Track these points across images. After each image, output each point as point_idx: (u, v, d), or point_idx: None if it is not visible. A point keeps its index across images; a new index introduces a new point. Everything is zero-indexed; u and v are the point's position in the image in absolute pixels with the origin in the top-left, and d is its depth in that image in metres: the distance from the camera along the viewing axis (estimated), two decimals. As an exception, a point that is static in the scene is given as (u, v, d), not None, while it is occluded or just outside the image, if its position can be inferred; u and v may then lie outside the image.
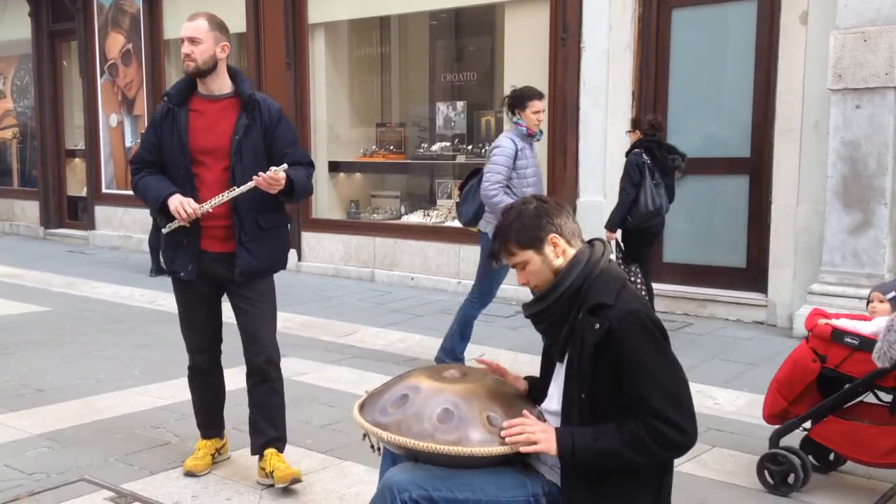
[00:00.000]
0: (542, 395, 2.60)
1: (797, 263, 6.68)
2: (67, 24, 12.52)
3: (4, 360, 5.96)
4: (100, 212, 12.38)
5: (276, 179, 3.56)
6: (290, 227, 4.09)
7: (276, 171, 3.56)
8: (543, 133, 5.78)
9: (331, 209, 9.91)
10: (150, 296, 8.15)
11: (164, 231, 3.74)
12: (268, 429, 3.85)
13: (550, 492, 2.44)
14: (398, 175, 10.20)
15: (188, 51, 3.63)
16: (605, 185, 7.58)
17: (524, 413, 2.43)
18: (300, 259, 9.76)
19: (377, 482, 2.56)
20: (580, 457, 2.31)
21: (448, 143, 9.42)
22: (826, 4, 6.39)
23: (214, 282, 3.83)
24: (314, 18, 9.67)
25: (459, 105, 9.46)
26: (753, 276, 7.03)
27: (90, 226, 12.48)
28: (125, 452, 4.23)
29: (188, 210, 3.59)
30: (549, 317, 2.48)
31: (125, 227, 11.90)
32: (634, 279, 6.11)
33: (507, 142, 5.41)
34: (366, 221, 9.70)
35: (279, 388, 3.89)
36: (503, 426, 2.36)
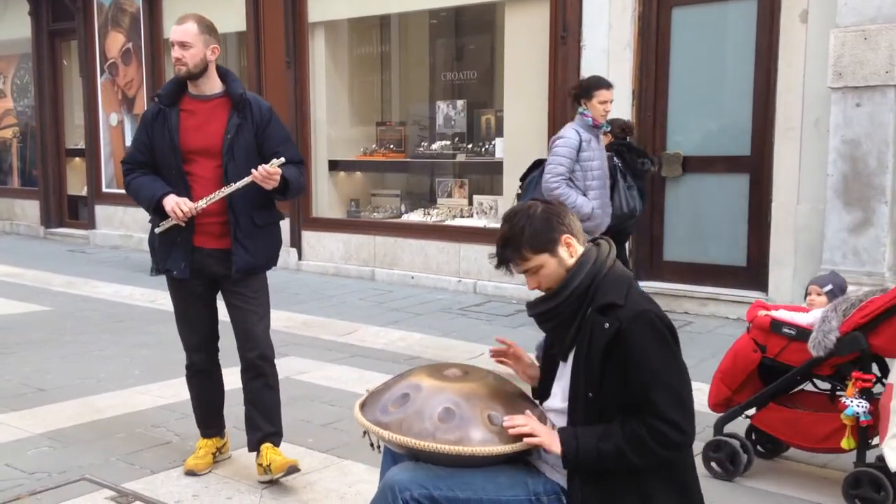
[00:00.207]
0: (545, 395, 2.60)
1: (797, 262, 6.68)
2: (67, 24, 12.51)
3: (5, 360, 5.96)
4: (100, 211, 12.38)
5: (273, 174, 3.59)
6: (290, 226, 4.10)
7: (273, 165, 3.59)
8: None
9: (331, 208, 9.90)
10: (151, 295, 8.14)
11: (157, 231, 3.75)
12: (264, 424, 3.86)
13: (552, 491, 2.44)
14: (398, 174, 10.20)
15: (179, 55, 3.65)
16: (606, 184, 7.58)
17: (527, 413, 2.42)
18: (300, 258, 9.74)
19: (378, 481, 2.56)
20: (583, 458, 2.31)
21: (448, 142, 9.42)
22: (826, 3, 6.38)
23: (209, 279, 3.84)
24: (314, 17, 9.66)
25: (459, 104, 9.45)
26: (754, 275, 7.02)
27: (90, 225, 12.48)
28: (126, 452, 4.23)
29: (184, 209, 3.62)
30: (558, 315, 2.47)
31: (125, 227, 11.89)
32: None
33: (571, 132, 5.30)
34: (366, 220, 9.69)
35: (274, 384, 3.90)
36: (505, 419, 2.36)
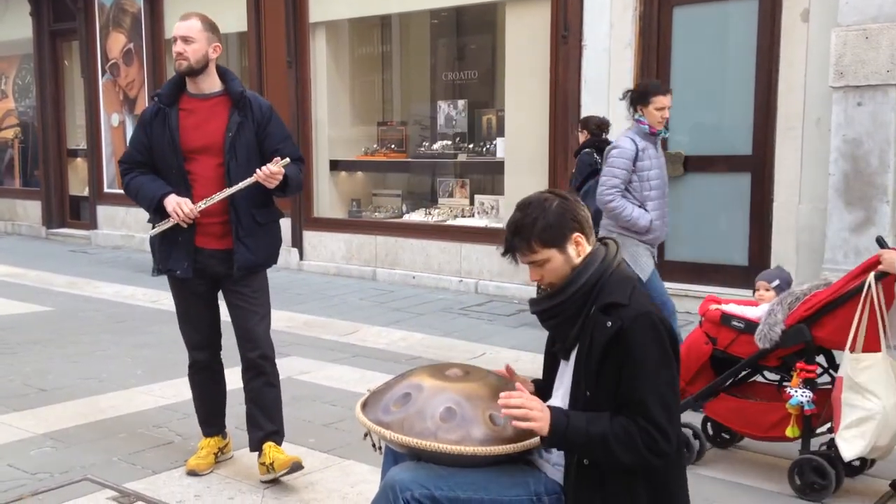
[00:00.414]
0: (546, 395, 2.60)
1: (799, 261, 6.67)
2: (69, 24, 12.52)
3: (7, 360, 5.97)
4: (102, 211, 12.39)
5: (276, 174, 3.60)
6: (292, 226, 4.11)
7: (277, 165, 3.60)
8: (666, 132, 5.28)
9: (332, 208, 9.91)
10: (153, 295, 8.15)
11: (155, 232, 3.74)
12: (265, 423, 3.86)
13: (553, 491, 2.44)
14: (399, 174, 10.20)
15: (181, 49, 3.66)
16: (607, 184, 7.57)
17: (520, 389, 2.41)
18: (302, 258, 9.75)
19: (379, 481, 2.56)
20: (571, 438, 2.30)
21: (449, 142, 9.42)
22: (827, 2, 6.37)
23: (211, 279, 3.85)
24: (315, 17, 9.67)
25: (461, 103, 9.46)
26: (755, 274, 6.94)
27: (92, 225, 12.49)
28: (128, 452, 4.23)
29: (185, 210, 3.62)
30: (561, 313, 2.46)
31: (127, 227, 11.90)
32: None
33: (627, 142, 5.02)
34: (367, 220, 9.69)
35: (275, 383, 3.91)
36: (501, 395, 2.32)
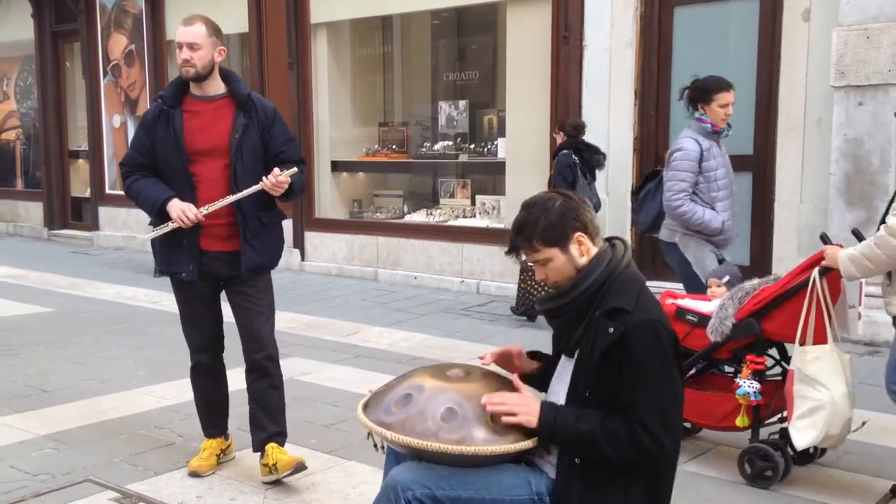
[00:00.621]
0: (544, 387, 2.60)
1: (801, 261, 6.65)
2: (70, 25, 12.53)
3: (9, 361, 5.97)
4: (103, 213, 12.40)
5: (282, 183, 3.62)
6: (293, 227, 4.13)
7: (285, 175, 3.61)
8: (731, 128, 4.95)
9: (334, 209, 9.92)
10: (154, 296, 8.16)
11: (154, 235, 3.74)
12: (269, 424, 3.86)
13: (554, 490, 2.44)
14: (401, 174, 10.20)
15: (188, 56, 3.63)
16: (608, 184, 7.57)
17: (516, 383, 2.48)
18: (303, 259, 9.76)
19: (381, 481, 2.56)
20: (560, 431, 2.33)
21: (451, 142, 9.42)
22: (828, 1, 6.37)
23: (215, 281, 3.85)
24: (316, 18, 9.68)
25: (462, 104, 9.46)
26: (757, 274, 6.99)
27: (94, 226, 12.50)
28: (130, 453, 4.24)
29: (190, 217, 3.62)
30: (568, 313, 2.47)
31: (129, 228, 11.91)
32: None
33: (690, 143, 4.74)
34: (369, 221, 9.70)
35: (279, 384, 3.91)
36: (484, 398, 2.37)
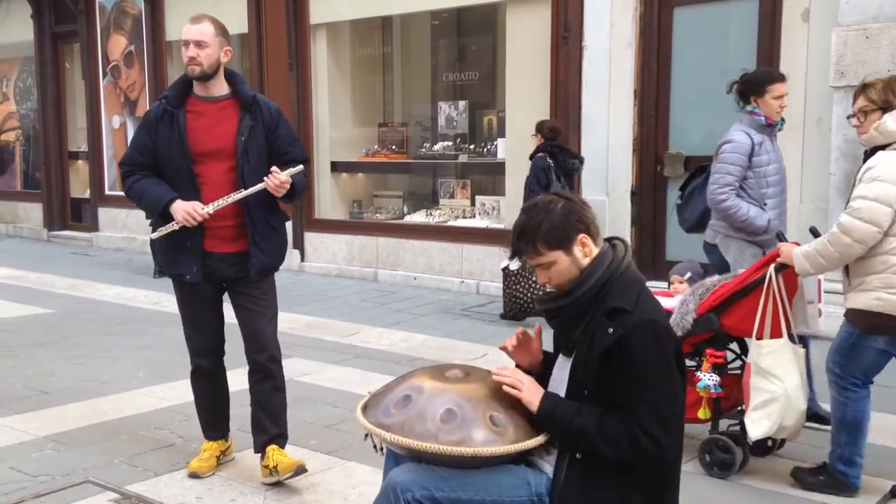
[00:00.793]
0: (547, 373, 2.62)
1: (800, 261, 6.66)
2: (69, 26, 12.53)
3: (9, 362, 5.97)
4: (103, 213, 12.40)
5: (285, 183, 3.61)
6: (293, 228, 4.12)
7: (288, 174, 3.61)
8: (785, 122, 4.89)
9: (334, 209, 9.92)
10: (154, 297, 8.16)
11: (156, 236, 3.73)
12: (270, 426, 3.86)
13: (554, 491, 2.44)
14: (401, 175, 10.20)
15: (194, 54, 3.60)
16: (608, 184, 7.58)
17: (514, 369, 2.53)
18: (303, 259, 9.76)
19: (381, 482, 2.56)
20: (557, 423, 2.36)
21: (450, 143, 9.42)
22: (828, 1, 6.37)
23: (218, 282, 3.84)
24: (316, 19, 9.68)
25: (461, 104, 9.46)
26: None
27: (94, 227, 12.50)
28: (130, 454, 4.23)
29: (196, 217, 3.60)
30: (566, 314, 2.48)
31: (129, 229, 11.91)
32: None
33: (741, 136, 4.61)
34: (369, 221, 9.70)
35: (281, 386, 3.90)
36: (494, 371, 2.46)
